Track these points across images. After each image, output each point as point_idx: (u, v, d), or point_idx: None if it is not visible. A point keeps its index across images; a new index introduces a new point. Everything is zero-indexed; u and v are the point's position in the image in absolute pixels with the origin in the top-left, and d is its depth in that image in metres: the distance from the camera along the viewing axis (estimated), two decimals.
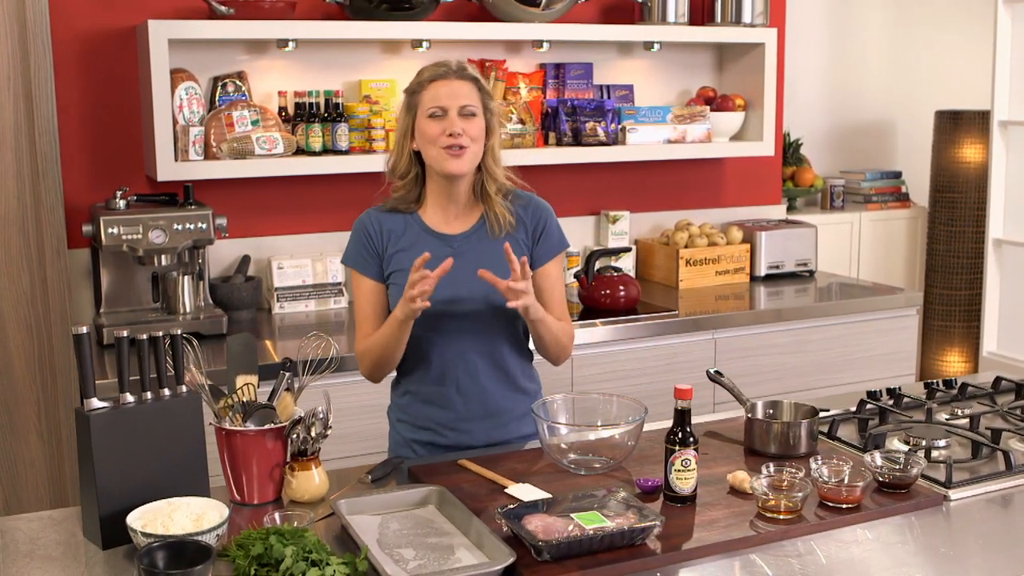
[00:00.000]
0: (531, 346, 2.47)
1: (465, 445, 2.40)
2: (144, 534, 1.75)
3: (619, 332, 3.48)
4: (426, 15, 3.59)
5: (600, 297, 3.60)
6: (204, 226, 3.24)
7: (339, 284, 3.68)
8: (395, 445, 2.50)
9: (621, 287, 3.61)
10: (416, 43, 3.63)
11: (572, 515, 1.84)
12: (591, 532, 1.77)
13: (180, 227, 3.20)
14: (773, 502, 1.94)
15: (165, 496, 1.88)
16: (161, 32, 3.20)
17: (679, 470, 1.98)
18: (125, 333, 1.88)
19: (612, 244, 4.07)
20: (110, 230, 3.13)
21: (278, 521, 1.89)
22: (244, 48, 3.57)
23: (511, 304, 2.21)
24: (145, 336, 1.91)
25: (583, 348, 3.41)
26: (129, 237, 3.14)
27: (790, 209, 4.73)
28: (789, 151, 4.72)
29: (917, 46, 5.08)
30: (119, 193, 3.24)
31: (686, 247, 4.03)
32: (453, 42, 3.77)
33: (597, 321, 3.48)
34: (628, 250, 3.89)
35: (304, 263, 3.64)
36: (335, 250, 3.72)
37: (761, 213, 4.47)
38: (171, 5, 3.42)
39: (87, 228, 3.16)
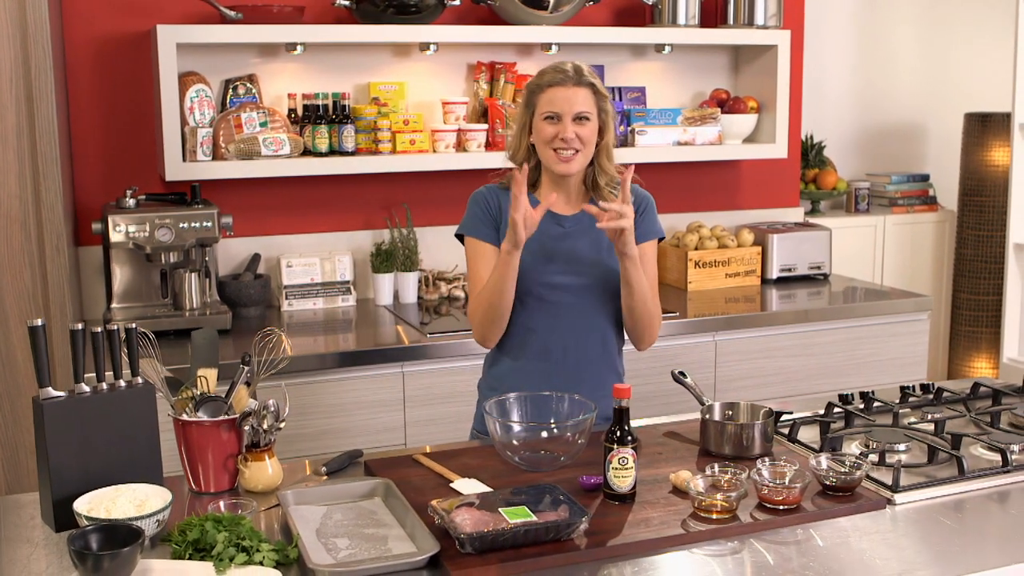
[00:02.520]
0: None
1: None
2: (88, 518, 1.84)
3: None
4: (432, 19, 3.65)
5: None
6: (209, 224, 3.34)
7: (347, 282, 3.76)
8: (482, 419, 2.53)
9: None
10: (424, 46, 3.69)
11: (500, 510, 1.88)
12: (512, 526, 1.81)
13: (186, 225, 3.30)
14: (708, 502, 1.96)
15: (119, 483, 1.96)
16: (169, 36, 3.30)
17: (616, 468, 2.01)
18: (80, 326, 1.97)
19: None
20: (118, 228, 3.25)
21: (223, 509, 1.96)
22: (255, 52, 3.66)
23: (607, 224, 2.32)
24: (100, 329, 1.99)
25: None
26: (136, 235, 3.26)
27: (813, 212, 4.70)
28: (811, 153, 4.69)
29: (947, 47, 5.02)
30: (129, 192, 3.35)
31: (696, 249, 4.03)
32: (462, 45, 3.83)
33: None
34: None
35: (313, 261, 3.72)
36: (344, 249, 3.81)
37: (778, 216, 4.45)
38: (184, 10, 3.53)
39: (96, 226, 3.28)
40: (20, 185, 2.81)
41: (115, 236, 3.25)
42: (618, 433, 2.01)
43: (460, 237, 2.59)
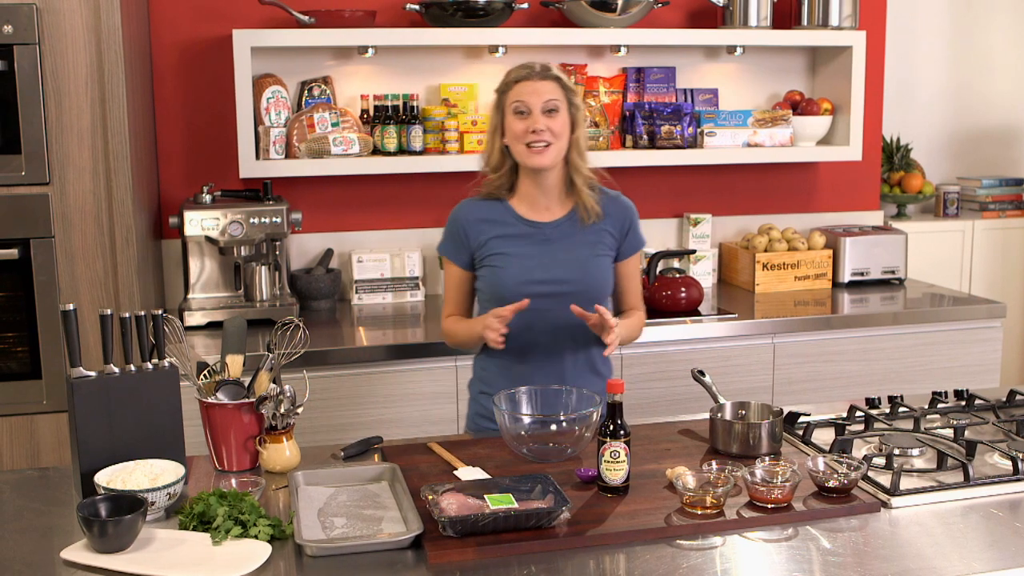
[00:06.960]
0: None
1: None
2: (105, 489, 1.98)
3: (675, 333, 3.52)
4: (500, 22, 3.73)
5: (661, 298, 3.66)
6: (278, 220, 3.50)
7: (416, 278, 3.88)
8: (475, 416, 2.69)
9: (682, 288, 3.65)
10: (493, 48, 3.78)
11: (485, 496, 1.96)
12: (491, 511, 1.88)
13: (256, 221, 3.47)
14: (695, 497, 2.00)
15: (142, 458, 2.11)
16: (245, 40, 3.48)
17: (608, 461, 2.06)
18: (109, 311, 2.13)
19: (693, 246, 4.10)
20: (192, 222, 3.44)
21: (234, 486, 2.08)
22: (330, 55, 3.81)
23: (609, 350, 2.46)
24: (128, 314, 2.15)
25: (636, 347, 3.47)
26: (209, 229, 3.45)
27: (899, 216, 4.61)
28: (896, 156, 4.60)
29: None
30: (206, 188, 3.55)
31: (765, 251, 4.02)
32: (532, 47, 3.90)
33: (654, 321, 3.53)
34: (692, 252, 3.91)
35: (383, 257, 3.86)
36: (414, 245, 3.93)
37: (857, 219, 4.39)
38: (261, 15, 3.70)
39: (173, 220, 3.48)
40: (94, 181, 3.01)
41: (190, 230, 3.44)
42: (611, 427, 2.06)
43: None
